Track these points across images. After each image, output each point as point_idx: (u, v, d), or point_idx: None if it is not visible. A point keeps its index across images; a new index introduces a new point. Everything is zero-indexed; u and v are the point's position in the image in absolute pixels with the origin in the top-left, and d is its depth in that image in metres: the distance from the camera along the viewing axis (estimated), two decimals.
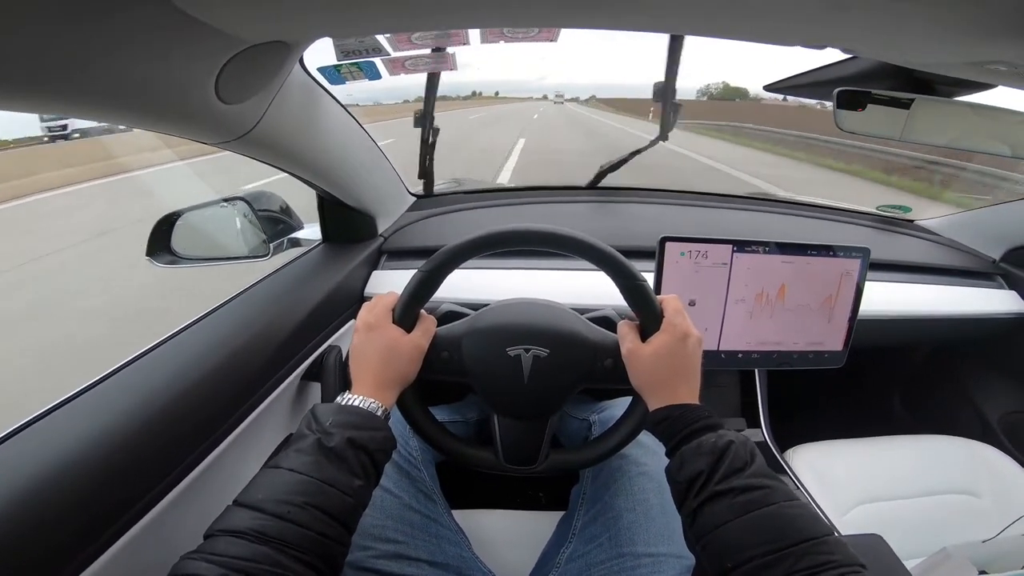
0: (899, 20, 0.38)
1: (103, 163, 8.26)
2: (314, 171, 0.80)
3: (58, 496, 0.43)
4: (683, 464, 0.49)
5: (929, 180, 6.40)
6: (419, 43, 0.55)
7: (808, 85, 0.77)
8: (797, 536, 0.42)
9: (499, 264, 0.99)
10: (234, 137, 0.55)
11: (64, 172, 7.64)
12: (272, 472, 0.45)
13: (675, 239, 0.83)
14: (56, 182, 7.34)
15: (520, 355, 0.60)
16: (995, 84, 0.58)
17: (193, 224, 0.89)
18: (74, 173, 7.67)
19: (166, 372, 0.59)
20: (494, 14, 0.44)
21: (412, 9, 0.40)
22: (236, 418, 0.65)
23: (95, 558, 0.46)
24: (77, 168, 7.82)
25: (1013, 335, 1.13)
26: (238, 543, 0.39)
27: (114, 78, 0.38)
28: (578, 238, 0.57)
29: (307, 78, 0.65)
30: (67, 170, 7.69)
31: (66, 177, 7.52)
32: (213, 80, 0.44)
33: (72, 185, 7.34)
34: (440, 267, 0.58)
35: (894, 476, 0.98)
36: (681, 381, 0.55)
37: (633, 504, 0.66)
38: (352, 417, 0.49)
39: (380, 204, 1.04)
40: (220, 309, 0.74)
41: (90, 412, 0.52)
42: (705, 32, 0.43)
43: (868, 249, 0.86)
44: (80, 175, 7.69)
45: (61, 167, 7.78)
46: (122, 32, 0.34)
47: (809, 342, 0.89)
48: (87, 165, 8.02)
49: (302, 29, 0.45)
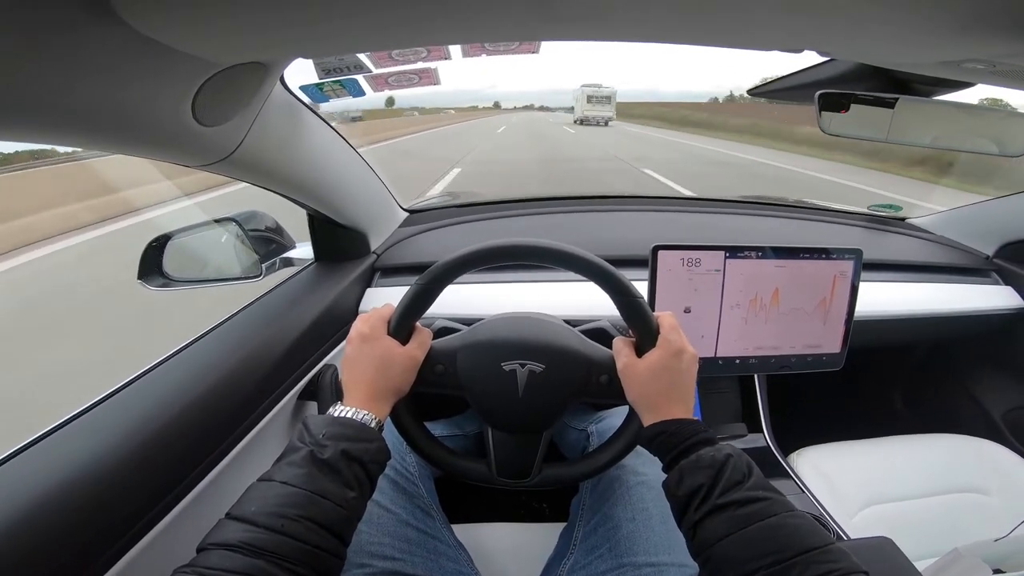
0: (876, 21, 0.38)
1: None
2: (302, 190, 0.80)
3: (56, 518, 0.43)
4: (683, 478, 0.48)
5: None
6: (399, 59, 0.55)
7: (791, 88, 0.78)
8: (800, 546, 0.42)
9: (492, 278, 0.99)
10: (217, 159, 0.55)
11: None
12: (264, 485, 0.44)
13: (668, 247, 0.82)
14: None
15: (515, 370, 0.59)
16: (975, 83, 0.59)
17: (184, 246, 0.89)
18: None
19: (160, 394, 0.59)
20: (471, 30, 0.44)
21: (387, 28, 0.40)
22: (233, 439, 0.65)
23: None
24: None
25: (1012, 330, 1.13)
26: (231, 556, 0.39)
27: (85, 105, 0.38)
28: (574, 253, 0.57)
29: (289, 97, 0.66)
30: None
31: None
32: (189, 104, 0.44)
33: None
34: (436, 280, 0.58)
35: (901, 476, 0.97)
36: (676, 397, 0.55)
37: (633, 514, 0.66)
38: (345, 429, 0.49)
39: (371, 221, 1.04)
40: (214, 331, 0.74)
41: (85, 435, 0.52)
42: (682, 40, 0.43)
43: (860, 250, 0.85)
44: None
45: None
46: (87, 61, 0.34)
47: (806, 345, 0.89)
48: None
49: (276, 50, 0.45)
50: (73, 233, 4.89)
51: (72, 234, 4.87)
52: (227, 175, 0.61)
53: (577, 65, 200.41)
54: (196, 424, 0.59)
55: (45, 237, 4.67)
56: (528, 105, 65.39)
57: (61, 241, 4.71)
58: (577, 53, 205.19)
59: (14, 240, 4.47)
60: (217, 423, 0.63)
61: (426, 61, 0.57)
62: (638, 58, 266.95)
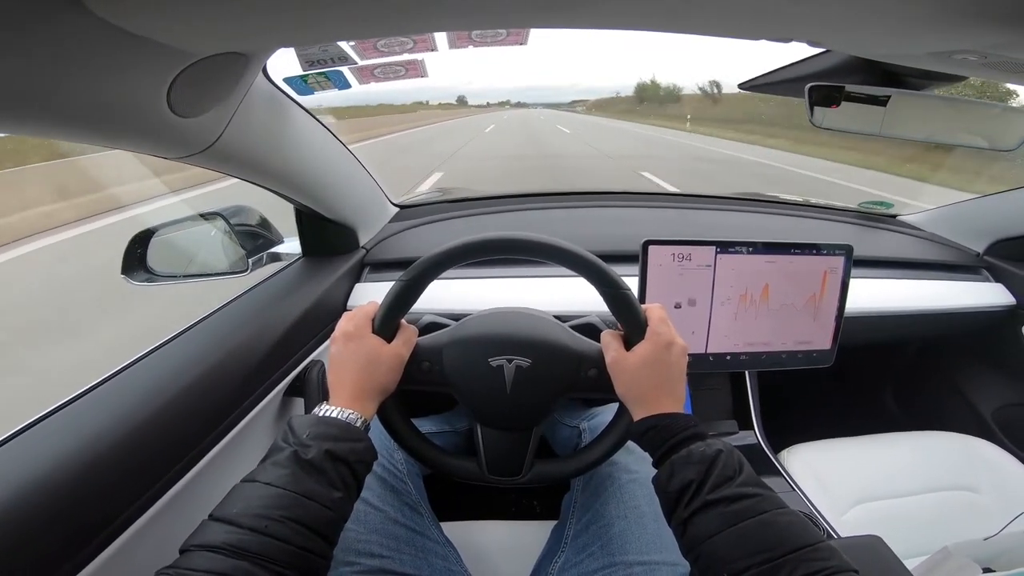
0: (865, 10, 0.37)
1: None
2: (287, 184, 0.79)
3: (31, 515, 0.43)
4: (673, 473, 0.48)
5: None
6: (385, 50, 0.54)
7: (781, 82, 0.77)
8: (791, 544, 0.41)
9: (480, 273, 0.98)
10: (196, 151, 0.54)
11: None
12: (248, 486, 0.44)
13: (658, 242, 0.82)
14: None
15: (503, 365, 0.59)
16: (967, 76, 0.58)
17: (169, 241, 0.88)
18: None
19: (141, 390, 0.58)
20: (457, 17, 0.43)
21: (369, 15, 0.39)
22: (217, 434, 0.64)
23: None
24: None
25: (1002, 328, 1.13)
26: (214, 558, 0.38)
27: (56, 98, 0.37)
28: (560, 246, 0.56)
29: (273, 89, 0.64)
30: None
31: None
32: (164, 94, 0.43)
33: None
34: (420, 276, 0.57)
35: (891, 474, 0.97)
36: (666, 391, 0.54)
37: (624, 512, 0.66)
38: (330, 429, 0.48)
39: (360, 215, 1.02)
40: (199, 325, 0.73)
41: (61, 431, 0.50)
42: (669, 28, 0.43)
43: (851, 246, 0.85)
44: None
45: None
46: (58, 53, 0.33)
47: (797, 341, 0.89)
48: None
49: (255, 40, 0.44)
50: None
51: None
52: (208, 167, 0.60)
53: (548, 64, 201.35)
54: (178, 420, 0.58)
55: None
56: (504, 102, 64.97)
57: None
58: (549, 52, 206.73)
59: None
60: (201, 419, 0.62)
61: (412, 52, 0.56)
62: (607, 55, 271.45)
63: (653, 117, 29.51)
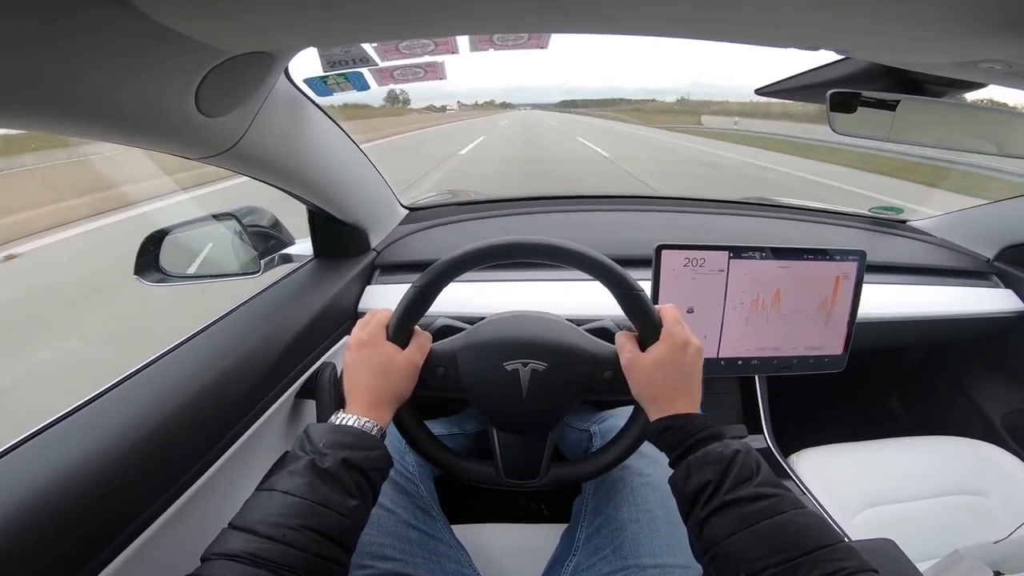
0: (893, 20, 0.38)
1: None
2: (303, 185, 0.79)
3: (46, 520, 0.43)
4: (690, 474, 0.48)
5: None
6: (406, 52, 0.54)
7: (800, 88, 0.77)
8: (809, 544, 0.41)
9: (493, 276, 0.98)
10: (218, 151, 0.54)
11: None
12: (266, 495, 0.44)
13: (671, 247, 0.82)
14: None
15: (518, 369, 0.58)
16: (987, 83, 0.58)
17: (182, 241, 0.88)
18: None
19: (155, 393, 0.58)
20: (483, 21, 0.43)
21: (398, 17, 0.39)
22: (230, 437, 0.64)
23: None
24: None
25: (1011, 334, 1.13)
26: (234, 567, 0.39)
27: (88, 93, 0.37)
28: (573, 249, 0.56)
29: (293, 90, 0.64)
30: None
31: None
32: (193, 93, 0.43)
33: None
34: (434, 281, 0.57)
35: (900, 478, 0.97)
36: (682, 391, 0.54)
37: (637, 515, 0.65)
38: (346, 437, 0.48)
39: (372, 217, 1.02)
40: (211, 327, 0.73)
41: (76, 434, 0.50)
42: (698, 35, 0.43)
43: (864, 252, 0.85)
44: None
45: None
46: (94, 45, 0.33)
47: (808, 346, 0.89)
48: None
49: (285, 38, 0.44)
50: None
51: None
52: (229, 168, 0.60)
53: (539, 65, 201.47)
54: (193, 423, 0.58)
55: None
56: (489, 101, 63.43)
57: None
58: (540, 55, 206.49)
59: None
60: (214, 421, 0.62)
61: (433, 55, 0.56)
62: (601, 58, 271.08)
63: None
